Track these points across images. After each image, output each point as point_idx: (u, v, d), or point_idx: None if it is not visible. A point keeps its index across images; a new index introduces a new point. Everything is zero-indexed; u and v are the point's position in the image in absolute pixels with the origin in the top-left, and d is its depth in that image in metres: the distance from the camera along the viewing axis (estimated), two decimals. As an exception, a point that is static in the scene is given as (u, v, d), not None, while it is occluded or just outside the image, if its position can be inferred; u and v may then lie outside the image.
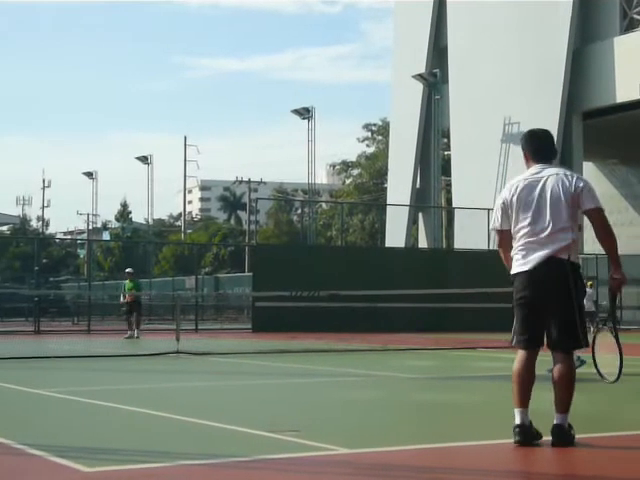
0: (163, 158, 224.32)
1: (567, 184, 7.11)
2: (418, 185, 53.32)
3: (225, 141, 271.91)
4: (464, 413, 9.69)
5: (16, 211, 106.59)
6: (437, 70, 50.65)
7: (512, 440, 6.91)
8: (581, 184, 7.12)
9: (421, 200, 52.65)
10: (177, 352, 19.30)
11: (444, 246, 52.37)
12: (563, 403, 7.00)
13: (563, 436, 6.94)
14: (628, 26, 44.00)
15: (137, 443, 7.44)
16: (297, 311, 28.46)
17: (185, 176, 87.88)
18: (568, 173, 7.25)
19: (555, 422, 6.98)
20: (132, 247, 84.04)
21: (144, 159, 78.15)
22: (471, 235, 42.05)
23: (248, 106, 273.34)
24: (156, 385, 13.41)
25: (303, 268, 33.78)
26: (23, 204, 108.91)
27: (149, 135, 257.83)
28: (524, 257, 7.13)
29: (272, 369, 16.10)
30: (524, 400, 7.04)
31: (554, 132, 43.44)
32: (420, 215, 54.73)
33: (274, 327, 31.53)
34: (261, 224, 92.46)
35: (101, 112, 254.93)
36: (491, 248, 38.47)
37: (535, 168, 7.33)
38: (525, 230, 7.12)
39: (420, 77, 51.03)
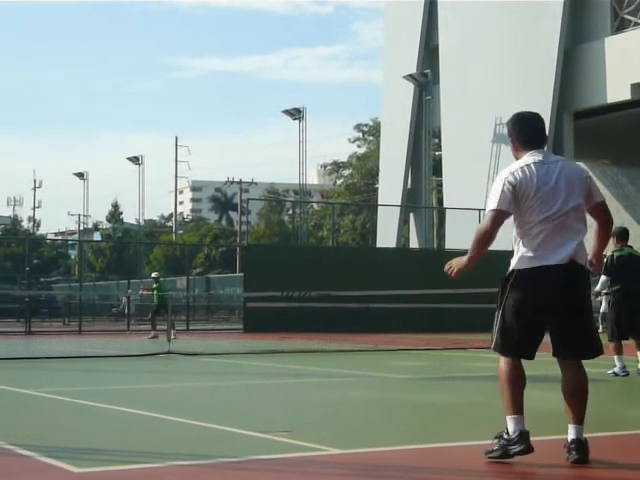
0: (154, 159, 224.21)
1: (577, 172, 6.51)
2: (409, 185, 53.35)
3: (216, 142, 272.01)
4: (455, 413, 9.69)
5: (7, 212, 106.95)
6: (428, 70, 50.66)
7: (513, 450, 6.30)
8: (589, 174, 6.60)
9: (412, 200, 52.68)
10: (168, 352, 19.27)
11: (435, 246, 52.38)
12: (581, 413, 6.37)
13: (584, 450, 6.28)
14: (619, 26, 44.04)
15: (128, 444, 7.42)
16: (288, 311, 28.42)
17: (176, 177, 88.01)
18: (571, 161, 6.72)
19: (574, 436, 6.30)
20: (123, 248, 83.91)
21: (135, 160, 77.98)
22: (462, 235, 41.99)
23: (239, 107, 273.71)
24: (147, 385, 13.39)
25: (294, 268, 33.75)
26: (14, 205, 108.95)
27: (140, 136, 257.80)
28: (537, 251, 6.35)
29: (263, 369, 16.08)
30: (520, 404, 6.39)
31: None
32: (411, 215, 54.76)
33: (265, 327, 31.49)
34: (252, 225, 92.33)
35: (92, 113, 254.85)
36: (482, 248, 38.45)
37: (536, 154, 6.51)
38: (541, 217, 6.34)
39: (411, 77, 51.04)
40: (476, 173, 46.72)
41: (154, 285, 29.72)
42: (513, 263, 6.50)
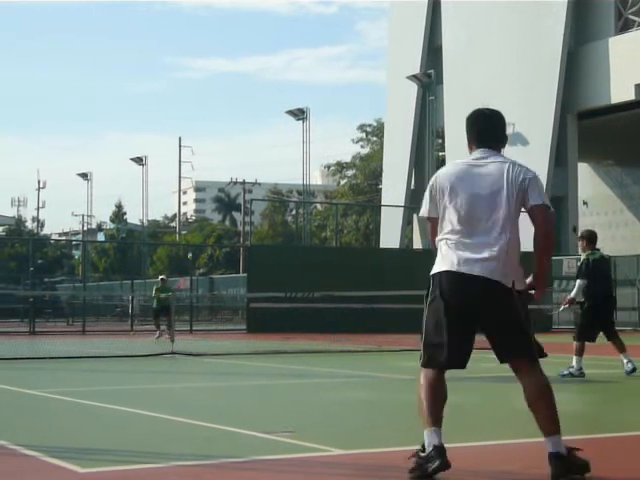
0: (158, 159, 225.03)
1: (513, 174, 5.91)
2: (413, 186, 53.37)
3: (220, 142, 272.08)
4: (458, 414, 9.68)
5: (11, 212, 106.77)
6: (432, 71, 50.68)
7: (429, 468, 5.82)
8: (529, 175, 5.92)
9: (416, 201, 52.59)
10: (172, 353, 19.28)
11: (439, 247, 52.29)
12: (553, 421, 5.84)
13: (564, 465, 5.75)
14: (623, 26, 44.06)
15: (131, 444, 7.44)
16: (292, 312, 28.40)
17: (180, 177, 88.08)
18: (516, 162, 6.04)
19: (551, 450, 5.81)
20: (127, 248, 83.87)
21: (139, 160, 78.10)
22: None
23: (242, 107, 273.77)
24: (151, 386, 13.41)
25: (298, 269, 33.75)
26: (18, 205, 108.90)
27: (144, 136, 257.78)
28: (452, 254, 5.98)
29: (267, 370, 16.09)
30: (438, 416, 5.99)
31: (549, 133, 43.53)
32: (415, 216, 54.73)
33: (269, 328, 31.49)
34: (256, 225, 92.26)
35: (95, 113, 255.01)
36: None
37: (479, 152, 6.11)
38: (454, 220, 5.98)
39: (414, 78, 51.06)
40: (480, 173, 46.69)
41: (160, 287, 29.68)
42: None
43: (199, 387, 13.04)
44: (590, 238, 14.09)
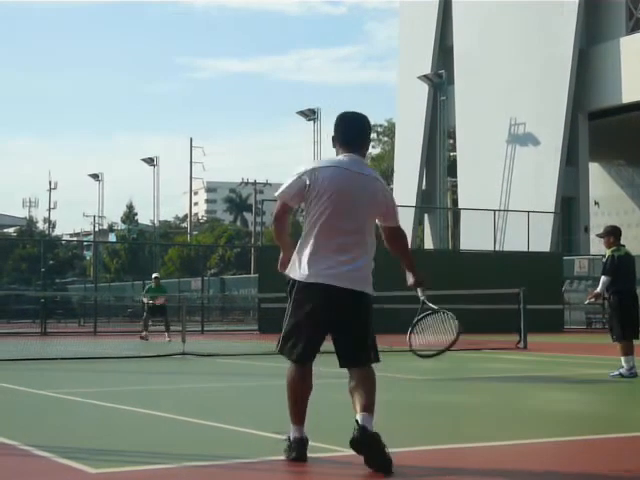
0: (169, 160, 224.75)
1: (382, 190, 6.32)
2: (424, 186, 53.35)
3: (231, 143, 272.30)
4: (470, 414, 9.67)
5: (22, 213, 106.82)
6: (443, 71, 50.64)
7: (290, 456, 6.53)
8: (391, 196, 6.45)
9: (427, 201, 52.65)
10: (183, 354, 19.27)
11: (450, 247, 52.33)
12: (367, 401, 6.47)
13: (366, 439, 6.24)
14: (634, 26, 43.96)
15: (143, 444, 7.44)
16: (303, 312, 28.33)
17: (191, 178, 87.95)
18: (380, 177, 6.42)
19: (360, 422, 6.33)
20: (138, 249, 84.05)
21: (150, 161, 78.17)
22: (477, 236, 42.04)
23: (253, 107, 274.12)
24: (162, 386, 13.41)
25: (309, 269, 33.68)
26: (29, 206, 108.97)
27: (155, 137, 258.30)
28: (316, 263, 6.49)
29: (278, 370, 16.04)
30: (301, 414, 6.72)
31: (560, 133, 43.46)
32: (426, 216, 54.75)
33: (280, 328, 31.17)
34: (267, 225, 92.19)
35: (107, 114, 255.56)
36: (497, 249, 38.44)
37: (347, 157, 6.26)
38: (325, 226, 6.29)
39: (425, 78, 51.03)
40: (491, 174, 46.66)
41: (153, 286, 29.51)
42: (294, 268, 6.73)
43: (210, 388, 13.03)
44: (616, 234, 13.95)
